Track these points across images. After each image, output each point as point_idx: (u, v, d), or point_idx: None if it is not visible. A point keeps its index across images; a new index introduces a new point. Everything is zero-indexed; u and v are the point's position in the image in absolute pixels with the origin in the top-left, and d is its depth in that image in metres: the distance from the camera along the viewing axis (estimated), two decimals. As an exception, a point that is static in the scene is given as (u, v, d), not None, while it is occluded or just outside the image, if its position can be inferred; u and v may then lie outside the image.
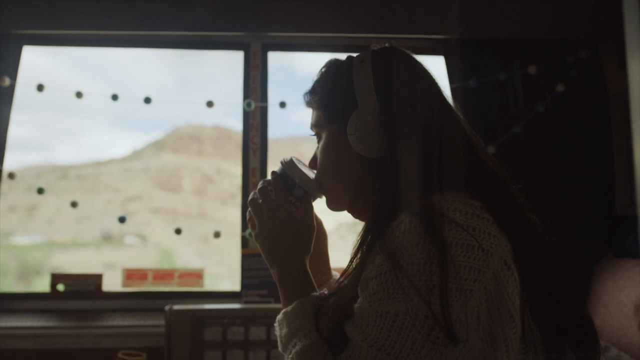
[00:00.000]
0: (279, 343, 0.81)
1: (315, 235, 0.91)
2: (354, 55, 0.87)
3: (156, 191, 2.67)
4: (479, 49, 2.27)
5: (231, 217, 2.65)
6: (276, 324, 0.83)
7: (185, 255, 2.64)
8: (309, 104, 0.92)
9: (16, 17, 2.16)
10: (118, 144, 2.76)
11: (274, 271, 0.86)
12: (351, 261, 0.80)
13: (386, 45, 0.88)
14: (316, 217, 0.95)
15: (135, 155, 2.74)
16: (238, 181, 2.40)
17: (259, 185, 0.91)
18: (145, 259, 2.66)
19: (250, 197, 0.91)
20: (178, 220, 2.51)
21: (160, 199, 2.66)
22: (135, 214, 2.46)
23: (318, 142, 0.92)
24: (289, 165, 0.91)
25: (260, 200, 0.89)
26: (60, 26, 2.22)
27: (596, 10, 2.19)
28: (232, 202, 2.69)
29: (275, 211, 0.87)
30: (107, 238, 2.60)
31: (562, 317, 0.73)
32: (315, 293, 0.82)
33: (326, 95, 0.88)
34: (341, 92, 0.85)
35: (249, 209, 0.90)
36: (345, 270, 0.82)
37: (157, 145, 2.80)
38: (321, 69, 0.91)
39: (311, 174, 0.92)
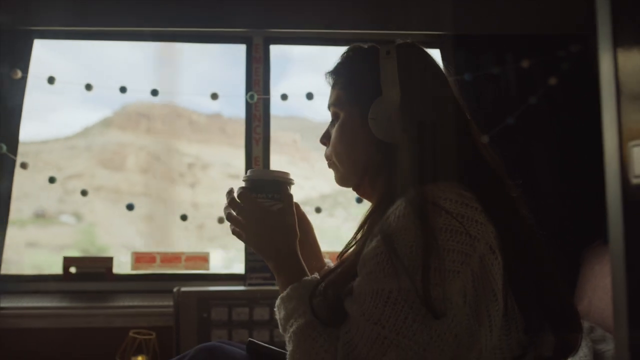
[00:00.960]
0: (279, 325, 0.89)
1: (301, 226, 0.98)
2: (377, 45, 0.93)
3: (98, 169, 2.60)
4: (474, 44, 2.31)
5: (180, 195, 2.61)
6: (275, 309, 0.90)
7: (127, 234, 2.61)
8: (331, 83, 0.97)
9: (28, 13, 2.21)
10: (81, 122, 2.70)
11: (270, 265, 0.93)
12: (356, 234, 0.89)
13: (408, 41, 0.94)
14: (298, 208, 1.02)
15: (85, 132, 2.67)
16: (188, 160, 2.45)
17: (227, 199, 0.95)
18: (70, 238, 2.62)
19: (225, 214, 0.95)
20: (121, 199, 2.44)
21: (102, 177, 2.59)
22: (74, 192, 2.37)
23: (333, 120, 0.98)
24: (257, 172, 0.95)
25: (235, 211, 0.93)
26: (68, 22, 2.28)
27: (587, 4, 2.22)
28: (181, 181, 2.61)
29: (252, 216, 0.91)
30: (41, 216, 2.55)
31: (543, 301, 0.79)
32: (307, 277, 0.89)
33: (351, 78, 0.93)
34: (367, 78, 0.90)
35: (229, 224, 0.95)
36: (350, 241, 0.91)
37: (105, 123, 2.71)
38: (345, 53, 0.97)
39: (275, 169, 0.97)
